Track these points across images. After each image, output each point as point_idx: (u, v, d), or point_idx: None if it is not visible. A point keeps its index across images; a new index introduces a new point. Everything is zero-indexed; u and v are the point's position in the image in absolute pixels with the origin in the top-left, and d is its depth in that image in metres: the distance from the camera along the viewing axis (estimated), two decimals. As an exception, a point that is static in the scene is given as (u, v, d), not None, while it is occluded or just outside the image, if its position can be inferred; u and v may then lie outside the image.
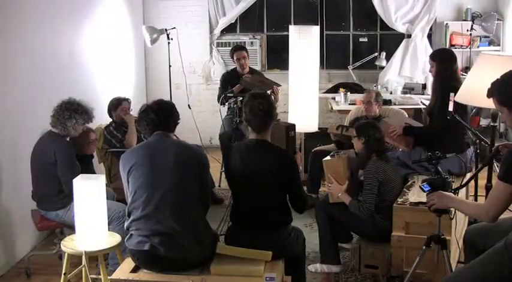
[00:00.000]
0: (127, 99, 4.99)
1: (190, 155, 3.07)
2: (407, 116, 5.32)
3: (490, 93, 2.61)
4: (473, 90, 3.57)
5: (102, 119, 4.95)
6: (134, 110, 5.16)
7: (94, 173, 4.28)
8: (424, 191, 2.94)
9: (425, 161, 3.21)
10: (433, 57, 4.32)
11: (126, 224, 3.06)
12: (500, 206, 2.51)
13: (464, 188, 4.20)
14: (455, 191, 3.01)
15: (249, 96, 3.13)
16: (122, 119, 4.91)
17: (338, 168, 3.80)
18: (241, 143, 3.19)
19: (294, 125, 3.94)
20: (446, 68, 4.19)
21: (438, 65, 4.22)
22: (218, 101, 5.88)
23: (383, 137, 3.92)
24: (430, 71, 4.33)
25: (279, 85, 5.81)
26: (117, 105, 4.92)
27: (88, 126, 4.20)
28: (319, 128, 6.64)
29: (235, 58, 5.98)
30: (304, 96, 6.38)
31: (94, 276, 3.48)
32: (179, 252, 2.91)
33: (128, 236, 3.04)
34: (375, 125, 3.96)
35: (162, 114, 3.10)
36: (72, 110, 3.83)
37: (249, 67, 6.05)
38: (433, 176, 2.99)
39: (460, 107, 3.88)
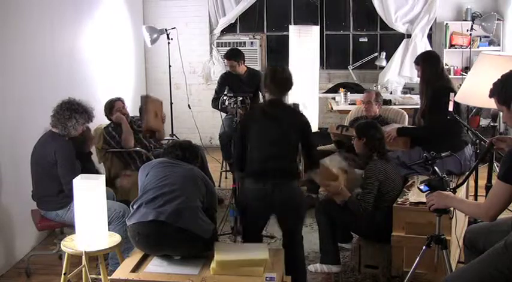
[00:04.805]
0: (119, 98, 4.99)
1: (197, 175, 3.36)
2: (407, 117, 5.32)
3: (491, 93, 2.64)
4: (473, 90, 3.57)
5: (102, 119, 4.94)
6: (129, 109, 5.15)
7: (95, 168, 4.30)
8: (422, 192, 2.95)
9: (421, 162, 3.23)
10: (416, 61, 4.39)
11: (131, 204, 3.20)
12: (499, 205, 2.52)
13: (464, 188, 4.20)
14: (454, 189, 3.01)
15: (271, 68, 3.54)
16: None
17: (329, 172, 3.85)
18: (261, 103, 3.55)
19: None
20: (431, 70, 4.26)
21: (423, 68, 4.29)
22: (212, 104, 5.85)
23: (384, 136, 3.92)
24: (418, 76, 4.38)
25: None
26: (111, 108, 4.91)
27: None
28: (319, 128, 6.66)
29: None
30: (304, 96, 6.38)
31: (94, 276, 3.48)
32: (182, 223, 3.00)
33: (130, 214, 3.14)
34: (375, 125, 3.97)
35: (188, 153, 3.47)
36: (72, 110, 3.83)
37: (248, 67, 6.02)
38: (431, 176, 2.99)
39: (454, 106, 3.90)
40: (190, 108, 6.67)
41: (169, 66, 6.45)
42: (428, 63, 4.28)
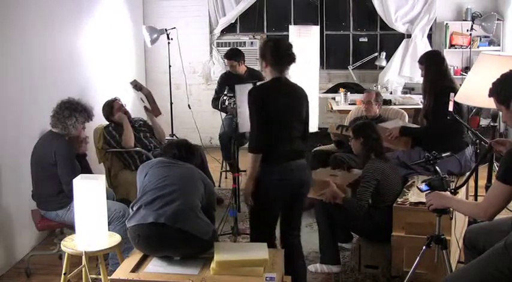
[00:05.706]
0: (115, 99, 4.99)
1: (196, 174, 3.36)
2: (407, 116, 5.33)
3: (491, 93, 2.64)
4: (473, 90, 3.57)
5: (102, 119, 4.94)
6: (129, 109, 5.15)
7: (91, 171, 4.27)
8: (422, 191, 2.95)
9: (422, 162, 3.23)
10: (421, 61, 4.38)
11: (131, 205, 3.19)
12: (498, 205, 2.52)
13: (464, 188, 4.20)
14: (455, 190, 3.01)
15: (274, 40, 3.33)
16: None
17: (320, 182, 3.94)
18: (268, 82, 3.32)
19: None
20: (435, 70, 4.25)
21: (427, 67, 4.28)
22: (212, 104, 5.86)
23: (380, 136, 3.93)
24: (422, 75, 4.37)
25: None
26: (111, 109, 4.90)
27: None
28: (319, 128, 6.66)
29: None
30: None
31: (94, 276, 3.48)
32: (182, 224, 3.00)
33: (130, 216, 3.13)
34: (371, 125, 3.98)
35: (184, 152, 3.44)
36: (71, 109, 3.83)
37: (248, 67, 6.02)
38: (432, 176, 2.99)
39: (456, 107, 3.90)
40: (190, 108, 6.67)
41: (169, 66, 6.44)
42: (433, 62, 4.27)
